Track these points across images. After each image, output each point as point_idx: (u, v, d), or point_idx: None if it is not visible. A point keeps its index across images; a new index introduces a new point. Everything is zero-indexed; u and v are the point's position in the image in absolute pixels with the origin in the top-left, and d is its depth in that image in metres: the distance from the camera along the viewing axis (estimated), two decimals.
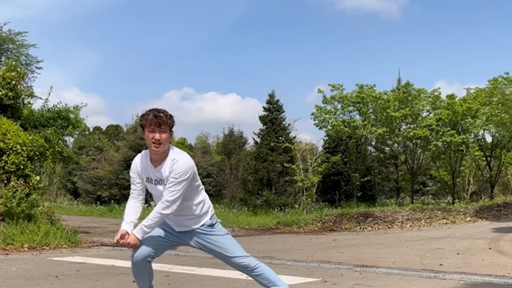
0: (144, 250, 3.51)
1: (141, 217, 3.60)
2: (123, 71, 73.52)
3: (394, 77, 35.70)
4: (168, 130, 3.48)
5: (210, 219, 3.68)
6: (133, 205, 3.62)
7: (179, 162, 3.47)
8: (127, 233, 3.46)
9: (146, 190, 3.69)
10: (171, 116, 3.50)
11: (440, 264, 7.05)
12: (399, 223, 15.34)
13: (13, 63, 12.69)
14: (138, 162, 3.63)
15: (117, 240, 3.44)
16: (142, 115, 3.57)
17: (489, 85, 22.79)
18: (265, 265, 3.74)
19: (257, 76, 66.62)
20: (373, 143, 25.46)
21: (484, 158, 24.12)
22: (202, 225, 3.66)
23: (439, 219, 15.86)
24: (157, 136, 3.42)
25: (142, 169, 3.60)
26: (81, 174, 32.27)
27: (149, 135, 3.45)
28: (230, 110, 61.20)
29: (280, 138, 23.80)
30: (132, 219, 3.55)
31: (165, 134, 3.45)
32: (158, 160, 3.52)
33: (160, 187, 3.53)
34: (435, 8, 61.98)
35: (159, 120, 3.44)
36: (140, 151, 3.68)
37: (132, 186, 3.65)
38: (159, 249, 3.64)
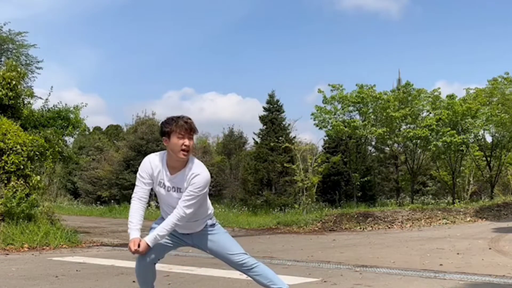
0: (150, 254, 3.47)
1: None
2: (123, 71, 73.59)
3: (394, 77, 35.69)
4: (193, 137, 3.43)
5: (211, 219, 3.70)
6: (138, 207, 3.49)
7: (200, 176, 3.39)
8: (140, 240, 3.36)
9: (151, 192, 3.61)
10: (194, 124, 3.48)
11: (440, 264, 7.05)
12: (399, 223, 15.34)
13: (13, 63, 12.69)
14: (154, 163, 3.47)
15: (135, 249, 3.32)
16: (166, 122, 3.42)
17: (489, 85, 22.79)
18: (264, 265, 3.73)
19: (257, 76, 66.68)
20: (373, 143, 25.43)
21: (484, 158, 24.12)
22: (205, 226, 3.66)
23: (439, 219, 15.86)
24: (187, 142, 3.34)
25: (157, 172, 3.47)
26: (81, 174, 32.25)
27: (178, 142, 3.33)
28: (230, 110, 61.21)
29: (280, 138, 23.76)
30: (139, 224, 3.44)
31: (192, 141, 3.40)
32: (176, 167, 3.43)
33: (175, 194, 3.44)
34: (436, 8, 62.06)
35: (189, 126, 3.38)
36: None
37: (139, 186, 3.50)
38: (163, 251, 3.63)
